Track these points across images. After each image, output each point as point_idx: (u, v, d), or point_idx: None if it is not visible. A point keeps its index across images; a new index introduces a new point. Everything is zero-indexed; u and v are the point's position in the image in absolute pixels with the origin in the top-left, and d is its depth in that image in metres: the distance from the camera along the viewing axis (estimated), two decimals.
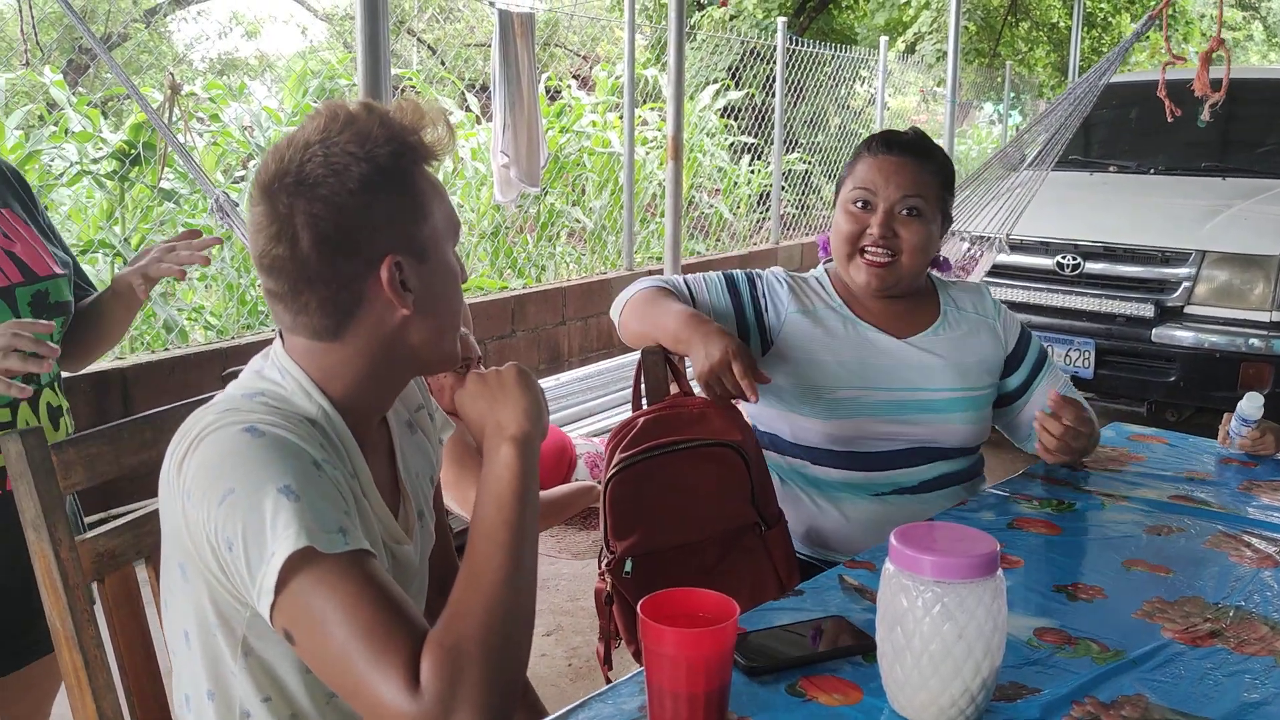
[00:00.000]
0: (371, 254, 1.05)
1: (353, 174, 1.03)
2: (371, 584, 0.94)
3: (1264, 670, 1.21)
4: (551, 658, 2.96)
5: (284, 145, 1.06)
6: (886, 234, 1.80)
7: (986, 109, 14.46)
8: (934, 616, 1.04)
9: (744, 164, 8.70)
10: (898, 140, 1.84)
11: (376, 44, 3.37)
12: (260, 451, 0.98)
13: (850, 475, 1.84)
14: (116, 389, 3.57)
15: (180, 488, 1.01)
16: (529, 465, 1.06)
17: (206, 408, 1.07)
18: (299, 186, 1.03)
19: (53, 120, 5.19)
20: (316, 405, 1.09)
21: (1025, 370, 1.96)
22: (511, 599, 0.97)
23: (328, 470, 1.01)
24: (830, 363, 1.84)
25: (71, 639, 1.24)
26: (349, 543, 0.95)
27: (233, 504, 0.95)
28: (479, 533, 1.01)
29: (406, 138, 1.07)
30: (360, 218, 1.04)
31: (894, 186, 1.80)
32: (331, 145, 1.04)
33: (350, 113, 1.06)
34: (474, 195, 6.38)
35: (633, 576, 1.55)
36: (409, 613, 0.94)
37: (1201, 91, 3.23)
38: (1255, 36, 17.59)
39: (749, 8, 11.80)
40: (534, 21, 4.97)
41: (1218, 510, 1.72)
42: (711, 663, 1.04)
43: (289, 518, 0.93)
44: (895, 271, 1.82)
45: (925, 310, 1.93)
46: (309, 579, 0.93)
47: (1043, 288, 4.60)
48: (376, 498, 1.15)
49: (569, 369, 5.12)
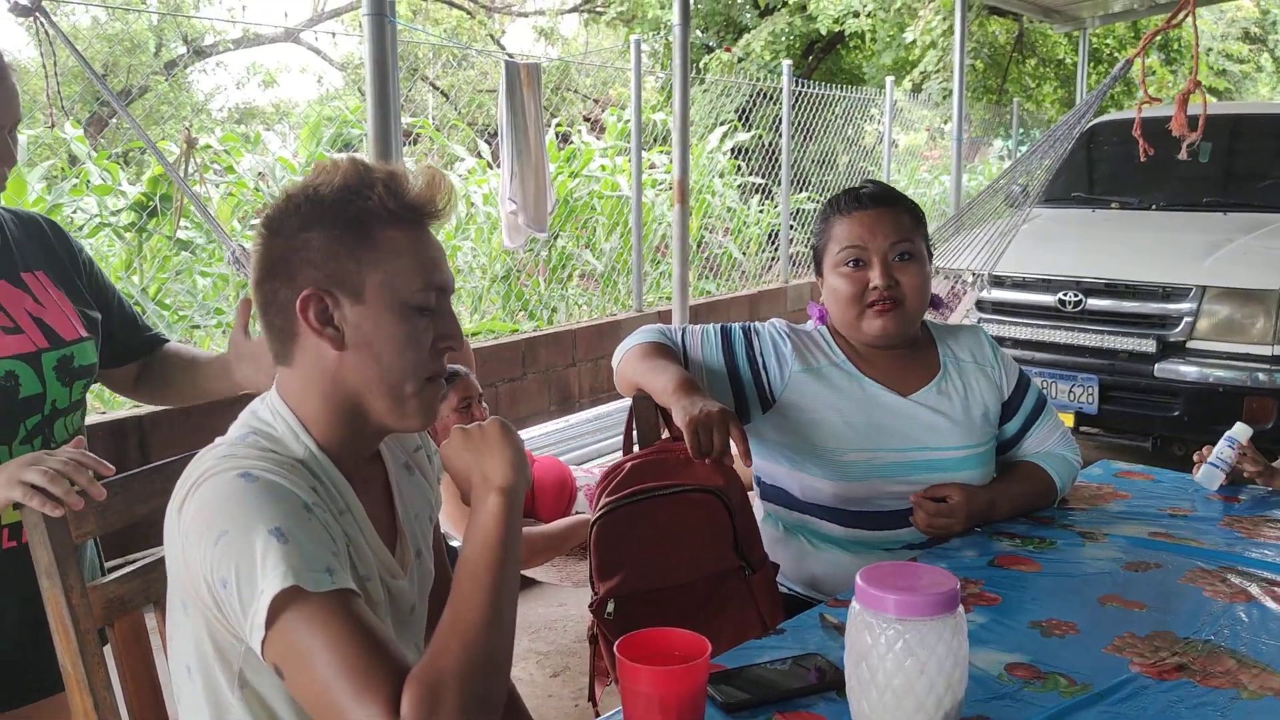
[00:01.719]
0: (300, 283, 1.14)
1: (306, 211, 1.14)
2: (356, 622, 1.00)
3: (1227, 703, 1.25)
4: (559, 699, 3.00)
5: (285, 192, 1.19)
6: (889, 282, 1.81)
7: (996, 144, 14.55)
8: (896, 653, 1.09)
9: (753, 204, 8.80)
10: (866, 195, 1.86)
11: (385, 92, 3.48)
12: (253, 496, 1.05)
13: (860, 534, 1.86)
14: (134, 436, 3.65)
15: (180, 529, 1.08)
16: (513, 514, 1.12)
17: (206, 452, 1.14)
18: (270, 223, 1.15)
19: (74, 174, 5.33)
20: (304, 446, 1.16)
21: (1021, 418, 1.97)
22: (491, 640, 1.02)
23: (317, 513, 1.08)
24: (838, 423, 1.84)
25: (82, 682, 1.30)
26: (335, 582, 1.02)
27: (226, 544, 1.02)
28: (463, 575, 1.08)
29: (383, 193, 1.14)
30: (298, 247, 1.14)
31: (881, 237, 1.82)
32: (307, 189, 1.15)
33: (353, 164, 1.16)
34: (486, 240, 6.48)
35: (616, 618, 1.60)
36: (391, 650, 1.00)
37: (1179, 131, 3.30)
38: (1265, 68, 17.64)
39: (756, 50, 11.96)
40: (540, 72, 5.08)
41: (1196, 546, 1.76)
42: (684, 700, 1.09)
43: (277, 558, 1.00)
44: (904, 315, 1.84)
45: (926, 363, 1.93)
46: (296, 616, 0.99)
47: (1046, 325, 4.64)
48: (371, 532, 1.21)
49: (579, 410, 5.19)
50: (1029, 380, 2.01)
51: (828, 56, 13.70)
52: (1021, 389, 1.98)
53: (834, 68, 13.71)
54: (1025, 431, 1.98)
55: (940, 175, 11.56)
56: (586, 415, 4.84)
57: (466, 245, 6.51)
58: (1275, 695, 1.26)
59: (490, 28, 15.37)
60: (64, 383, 1.62)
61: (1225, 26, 15.66)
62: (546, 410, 5.37)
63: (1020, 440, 1.99)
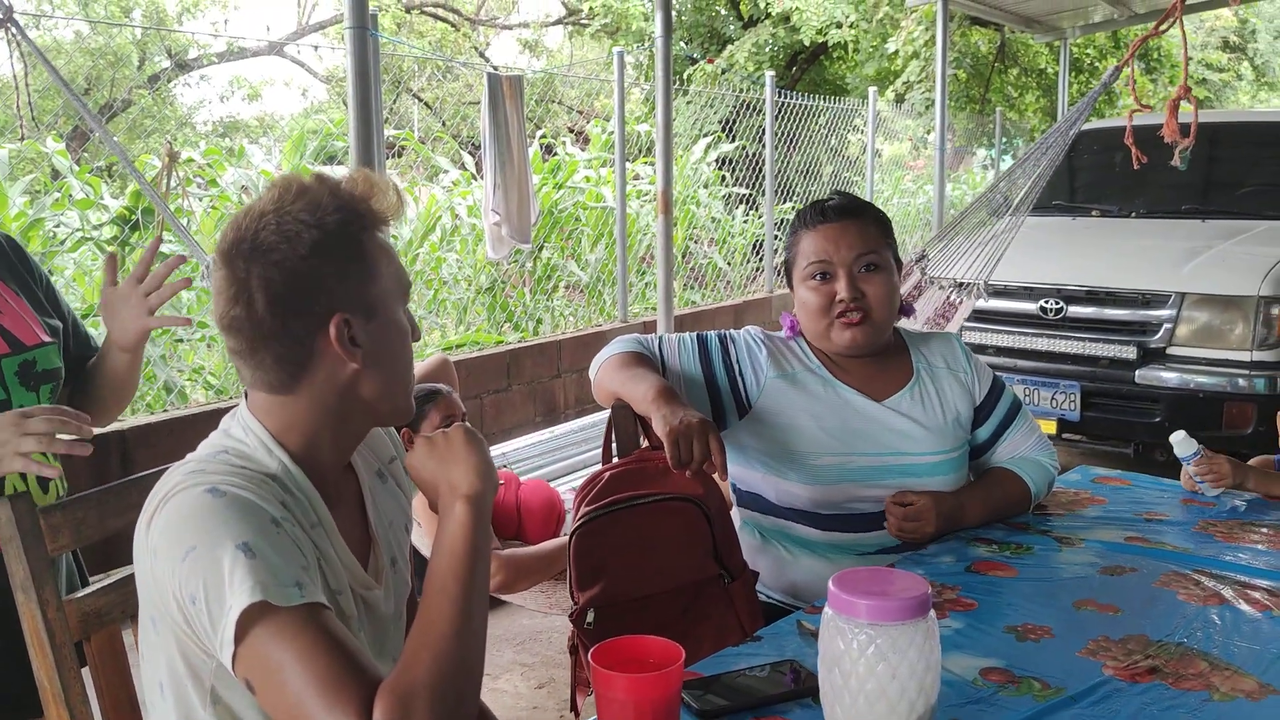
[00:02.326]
0: (321, 312, 1.14)
1: (304, 240, 1.12)
2: (325, 635, 1.00)
3: (1198, 704, 1.26)
4: (544, 710, 3.00)
5: (242, 215, 1.16)
6: (855, 294, 1.84)
7: (979, 154, 14.63)
8: (868, 657, 1.09)
9: (738, 215, 8.83)
10: (831, 207, 1.90)
11: (368, 105, 3.48)
12: (220, 511, 1.05)
13: (835, 536, 1.87)
14: (116, 451, 3.64)
15: (148, 546, 1.08)
16: (481, 522, 1.12)
17: (175, 468, 1.14)
18: (254, 252, 1.12)
19: (56, 188, 5.32)
20: (276, 460, 1.16)
21: (994, 423, 1.99)
22: (461, 649, 1.03)
23: (286, 527, 1.08)
24: (812, 427, 1.87)
25: (59, 696, 1.30)
26: (304, 596, 1.02)
27: (194, 560, 1.02)
28: (432, 584, 1.08)
29: (356, 206, 1.16)
30: (310, 279, 1.13)
31: (845, 249, 1.85)
32: (285, 214, 1.13)
33: (303, 184, 1.16)
34: (470, 251, 6.49)
35: (596, 627, 1.60)
36: (362, 661, 1.00)
37: (1170, 138, 3.32)
38: (1244, 76, 17.80)
39: (740, 61, 12.01)
40: (523, 84, 5.10)
41: (1171, 550, 1.78)
42: (659, 706, 1.09)
43: (245, 573, 1.00)
44: (872, 325, 1.87)
45: (899, 369, 1.96)
46: (265, 631, 0.99)
47: (1028, 332, 4.67)
48: (342, 545, 1.21)
49: (565, 421, 5.19)
50: (1003, 386, 2.03)
51: (811, 67, 13.76)
52: (995, 394, 2.00)
53: (817, 78, 13.77)
54: (998, 437, 2.00)
55: (924, 185, 11.61)
56: (572, 426, 4.84)
57: (451, 257, 6.51)
58: (1246, 697, 1.27)
59: (475, 40, 15.41)
60: (29, 387, 1.61)
61: (1205, 36, 15.81)
62: (532, 421, 5.37)
63: (993, 445, 2.00)
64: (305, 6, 14.66)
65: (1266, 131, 5.61)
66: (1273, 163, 5.40)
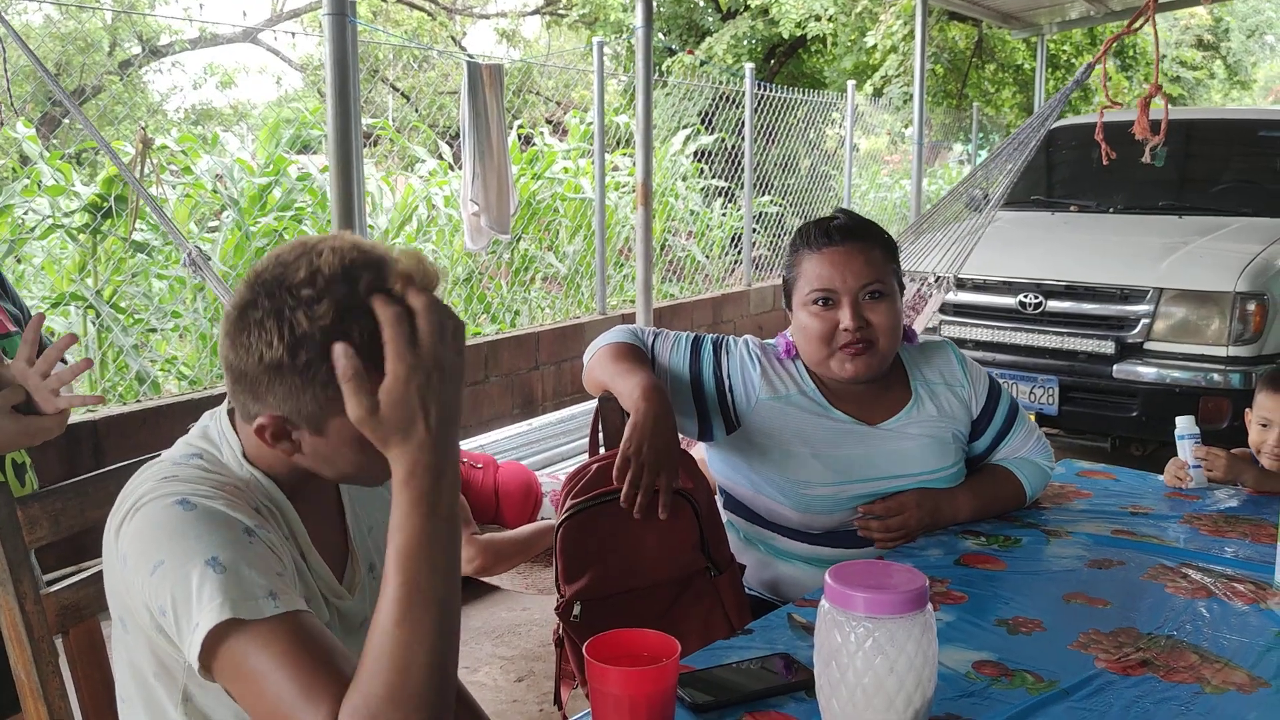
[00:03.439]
0: (257, 408, 1.06)
1: (277, 349, 1.01)
2: (300, 640, 0.98)
3: (1190, 697, 1.26)
4: (524, 703, 2.98)
5: (290, 254, 1.05)
6: (860, 324, 1.76)
7: (956, 149, 14.70)
8: (866, 651, 1.08)
9: (716, 207, 8.82)
10: (837, 229, 1.81)
11: (346, 93, 3.43)
12: (189, 524, 1.02)
13: (822, 551, 1.84)
14: (88, 442, 3.58)
15: (118, 552, 1.06)
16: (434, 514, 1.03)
17: (146, 469, 1.11)
18: (239, 321, 1.04)
19: (25, 174, 5.23)
20: (247, 473, 1.13)
21: (992, 433, 1.94)
22: (412, 646, 0.97)
23: (260, 535, 1.05)
24: (805, 455, 1.81)
25: (36, 691, 1.27)
26: (279, 605, 0.99)
27: (163, 575, 1.00)
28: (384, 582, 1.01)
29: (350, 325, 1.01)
30: (258, 378, 1.04)
31: (852, 277, 1.77)
32: (304, 298, 1.01)
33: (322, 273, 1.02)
34: (447, 242, 6.44)
35: (583, 620, 1.59)
36: (338, 664, 0.98)
37: (1141, 134, 3.35)
38: (1217, 74, 17.96)
39: (719, 53, 12.00)
40: (502, 72, 5.06)
41: (1158, 543, 1.78)
42: (654, 700, 1.08)
43: (213, 590, 0.97)
44: (876, 355, 1.79)
45: (898, 392, 1.90)
46: (237, 644, 0.97)
47: (1007, 326, 4.69)
48: (315, 557, 1.18)
49: (542, 414, 5.16)
50: (1000, 392, 1.96)
51: (790, 60, 13.77)
52: (993, 403, 1.94)
53: (796, 71, 13.78)
54: (995, 445, 1.96)
55: (901, 179, 11.64)
56: (550, 419, 4.81)
57: (428, 247, 6.46)
58: (1237, 689, 1.27)
59: (451, 29, 15.32)
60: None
61: (1179, 34, 15.94)
62: (509, 414, 5.34)
63: (990, 453, 1.96)
64: None
65: (1240, 129, 5.67)
66: (1246, 160, 5.46)
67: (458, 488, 1.02)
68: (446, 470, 0.99)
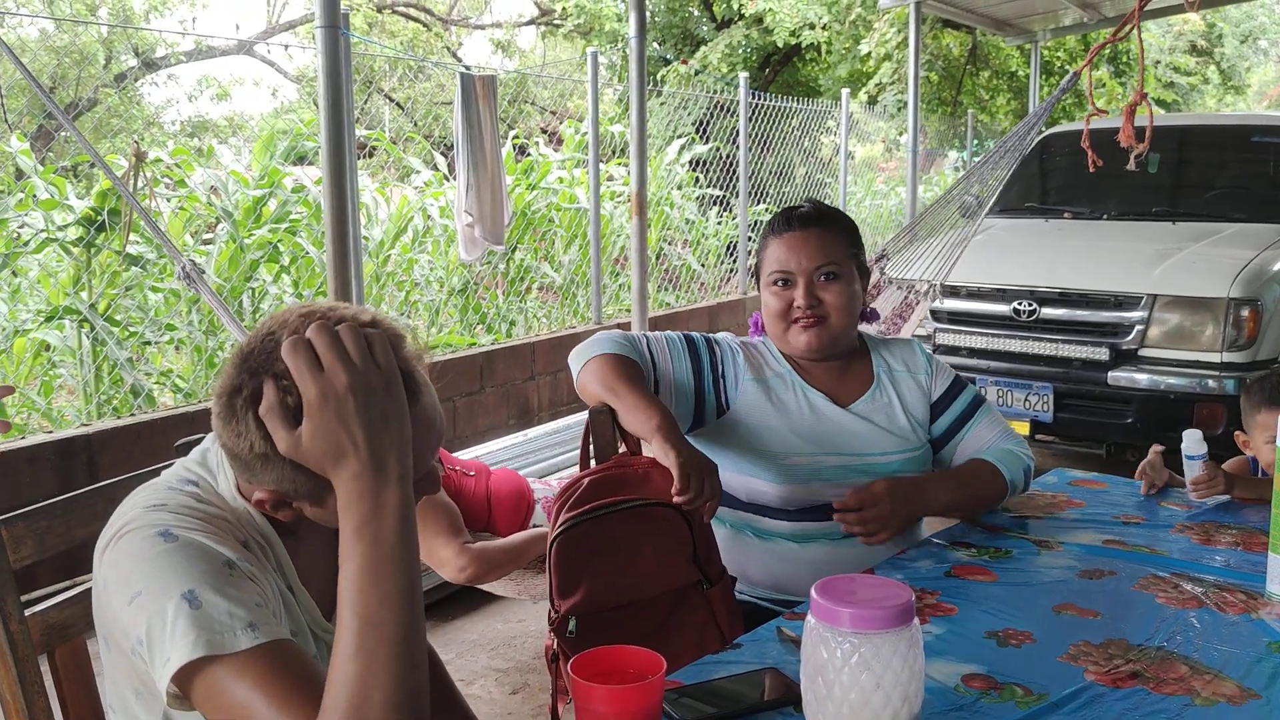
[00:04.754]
0: (258, 479, 1.08)
1: (262, 441, 1.03)
2: (277, 669, 0.98)
3: (1179, 709, 1.25)
4: (518, 716, 2.97)
5: (278, 325, 1.06)
6: (812, 302, 1.90)
7: (951, 156, 14.72)
8: (852, 666, 1.08)
9: (712, 216, 8.83)
10: (798, 216, 1.95)
11: (339, 105, 3.44)
12: (168, 557, 1.02)
13: (805, 526, 1.89)
14: (81, 455, 3.58)
15: (101, 576, 1.07)
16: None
17: (138, 496, 1.12)
18: (228, 407, 1.05)
19: (19, 188, 5.23)
20: (240, 505, 1.14)
21: (952, 414, 2.02)
22: (373, 679, 0.97)
23: (242, 567, 1.05)
24: (783, 429, 1.91)
25: (22, 711, 1.26)
26: (259, 636, 0.99)
27: (139, 605, 1.00)
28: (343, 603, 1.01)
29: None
30: (254, 465, 1.06)
31: (806, 258, 1.90)
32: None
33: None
34: (443, 253, 6.44)
35: (578, 635, 1.58)
36: (316, 691, 0.97)
37: (1127, 142, 3.36)
38: (1211, 80, 18.00)
39: (713, 63, 12.03)
40: (496, 84, 5.06)
41: (1149, 553, 1.78)
42: (639, 717, 1.07)
43: (187, 626, 0.97)
44: (828, 330, 1.91)
45: (861, 374, 2.01)
46: (213, 676, 0.97)
47: (1001, 334, 4.68)
48: (303, 593, 1.19)
49: (539, 423, 5.16)
50: (965, 384, 2.07)
51: (784, 69, 13.80)
52: (954, 391, 2.04)
53: (790, 80, 13.81)
54: (958, 430, 2.02)
55: (896, 186, 11.66)
56: (546, 429, 4.81)
57: (423, 258, 6.46)
58: (1227, 701, 1.27)
59: (447, 40, 15.34)
60: None
61: (1173, 40, 15.96)
62: (505, 424, 5.34)
63: (953, 437, 2.02)
64: (275, 5, 14.56)
65: (1233, 134, 5.67)
66: (1240, 165, 5.46)
67: (408, 510, 1.00)
68: (386, 495, 0.98)
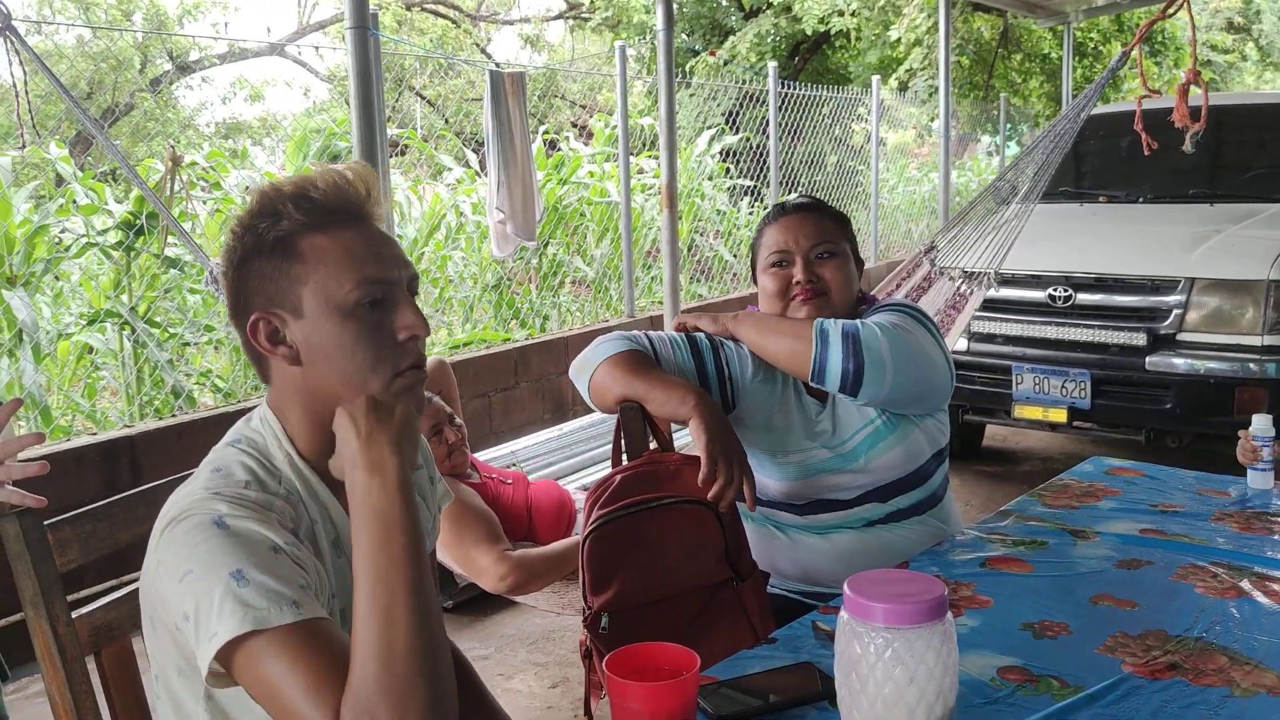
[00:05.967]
0: (248, 314, 1.20)
1: (240, 246, 1.20)
2: (314, 645, 1.03)
3: (1219, 701, 1.24)
4: (558, 709, 3.00)
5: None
6: (811, 277, 1.90)
7: (984, 140, 14.57)
8: (885, 661, 1.08)
9: (743, 206, 8.80)
10: (792, 204, 1.98)
11: (370, 104, 3.48)
12: (220, 541, 1.08)
13: (817, 519, 1.91)
14: (125, 457, 3.64)
15: (156, 557, 1.12)
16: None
17: (193, 481, 1.17)
18: (225, 262, 1.22)
19: (59, 194, 5.31)
20: (284, 454, 1.21)
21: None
22: (395, 643, 1.02)
23: (288, 551, 1.10)
24: (782, 426, 1.93)
25: (71, 711, 1.30)
26: (300, 613, 1.04)
27: (189, 583, 1.06)
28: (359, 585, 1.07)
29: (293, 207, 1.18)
30: (238, 284, 1.21)
31: (803, 237, 1.92)
32: (238, 222, 1.21)
33: (262, 191, 1.21)
34: (476, 249, 6.48)
35: (610, 631, 1.60)
36: (347, 671, 1.02)
37: (1181, 122, 3.30)
38: (1249, 57, 17.69)
39: (742, 52, 11.97)
40: (525, 80, 5.08)
41: (1188, 542, 1.76)
42: (675, 714, 1.08)
43: (235, 604, 1.03)
44: (828, 305, 1.91)
45: None
46: (255, 649, 1.02)
47: (1037, 320, 4.63)
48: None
49: (573, 418, 5.18)
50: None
51: (814, 57, 13.71)
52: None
53: (820, 68, 13.72)
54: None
55: (929, 173, 11.56)
56: (581, 423, 4.83)
57: (457, 255, 6.50)
58: (1268, 692, 1.26)
59: (476, 36, 15.38)
60: None
61: (1209, 17, 15.71)
62: (540, 419, 5.37)
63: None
64: (305, 6, 14.65)
65: (1273, 113, 5.57)
66: (1278, 144, 5.36)
67: (405, 479, 1.09)
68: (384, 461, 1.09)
